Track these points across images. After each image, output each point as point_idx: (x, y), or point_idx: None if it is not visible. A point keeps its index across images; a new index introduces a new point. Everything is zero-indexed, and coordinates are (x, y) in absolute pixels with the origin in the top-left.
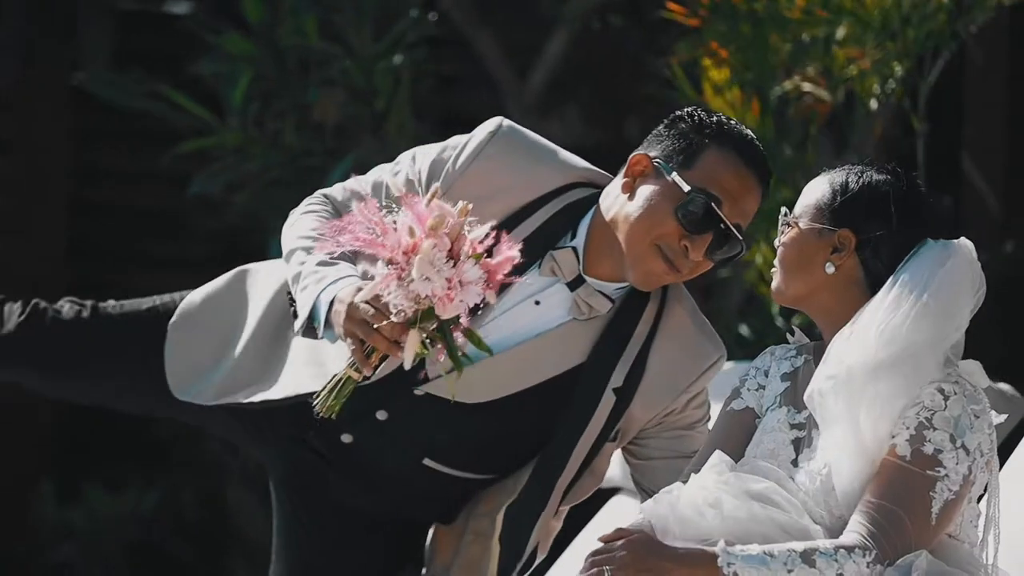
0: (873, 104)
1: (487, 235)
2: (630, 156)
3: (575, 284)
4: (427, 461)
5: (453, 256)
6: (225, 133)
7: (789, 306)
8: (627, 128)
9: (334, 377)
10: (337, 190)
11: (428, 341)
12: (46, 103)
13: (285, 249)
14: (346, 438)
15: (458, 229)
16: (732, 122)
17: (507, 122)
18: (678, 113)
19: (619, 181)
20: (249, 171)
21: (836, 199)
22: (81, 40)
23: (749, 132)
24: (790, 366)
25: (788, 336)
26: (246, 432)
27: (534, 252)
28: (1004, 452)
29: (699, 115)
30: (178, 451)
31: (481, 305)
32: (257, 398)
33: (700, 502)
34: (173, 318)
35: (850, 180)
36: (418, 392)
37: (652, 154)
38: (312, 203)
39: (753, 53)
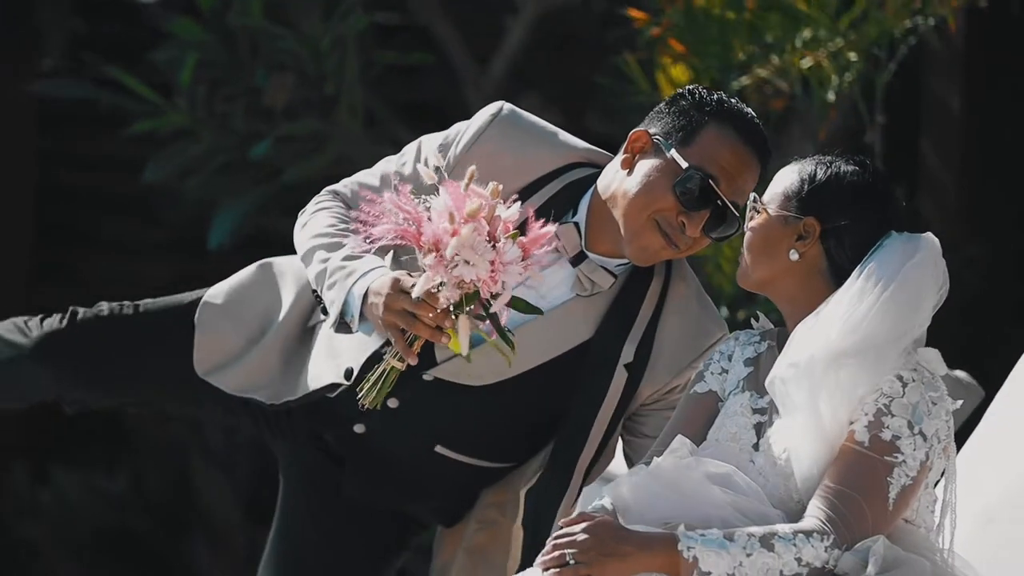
0: (830, 96)
1: (517, 213)
2: (631, 132)
3: (577, 260)
4: (439, 448)
5: (491, 238)
6: (173, 115)
7: (753, 290)
8: (588, 116)
9: (377, 368)
10: (344, 185)
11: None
12: (9, 91)
13: (302, 249)
14: (359, 428)
15: (492, 210)
16: (733, 100)
17: (508, 105)
18: (679, 91)
19: (619, 157)
20: (198, 155)
21: (804, 188)
22: (41, 31)
23: (749, 111)
24: (753, 351)
25: (752, 322)
26: (262, 426)
27: None
28: (960, 438)
29: (700, 93)
30: (145, 434)
31: (524, 283)
32: (280, 400)
33: (661, 485)
34: (199, 304)
35: (818, 170)
36: (427, 377)
37: (652, 130)
38: (322, 201)
39: (712, 49)
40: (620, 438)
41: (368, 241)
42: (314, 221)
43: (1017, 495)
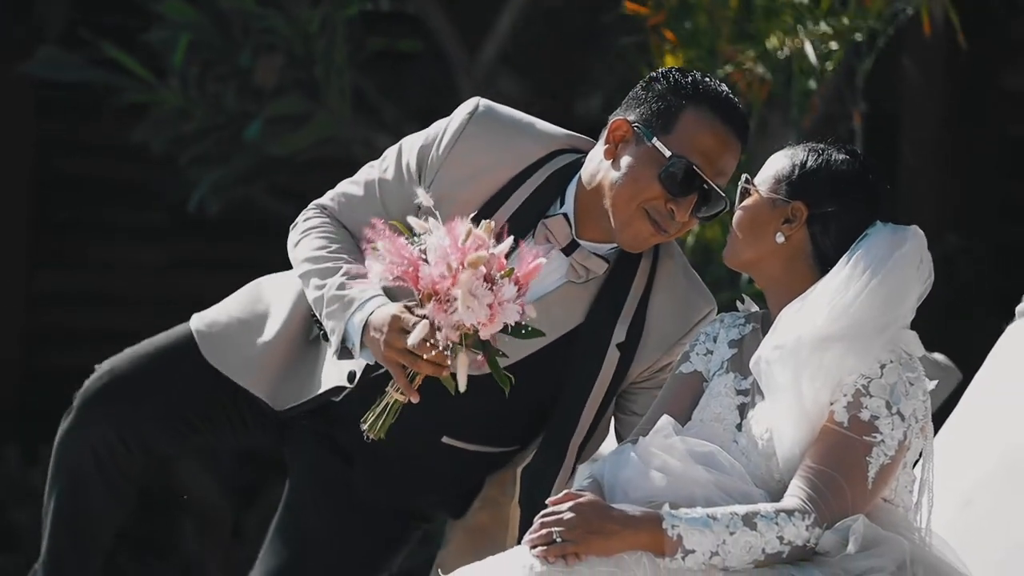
0: (812, 84)
1: (509, 246)
2: (610, 120)
3: (569, 249)
4: (446, 439)
5: (488, 279)
6: (166, 94)
7: (739, 270)
8: (578, 103)
9: (380, 401)
10: (330, 198)
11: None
12: (7, 78)
13: (297, 270)
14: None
15: (486, 252)
16: (707, 80)
17: (484, 101)
18: (653, 74)
19: (601, 147)
20: (189, 132)
21: (794, 172)
22: (38, 15)
23: (724, 88)
24: (738, 333)
25: (738, 304)
26: (272, 435)
27: (526, 223)
28: (938, 421)
29: (674, 76)
30: None
31: (521, 320)
32: (284, 406)
33: (647, 465)
34: (193, 319)
35: (810, 156)
36: None
37: (631, 119)
38: (310, 219)
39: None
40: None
41: (365, 283)
42: (306, 242)
43: (994, 477)
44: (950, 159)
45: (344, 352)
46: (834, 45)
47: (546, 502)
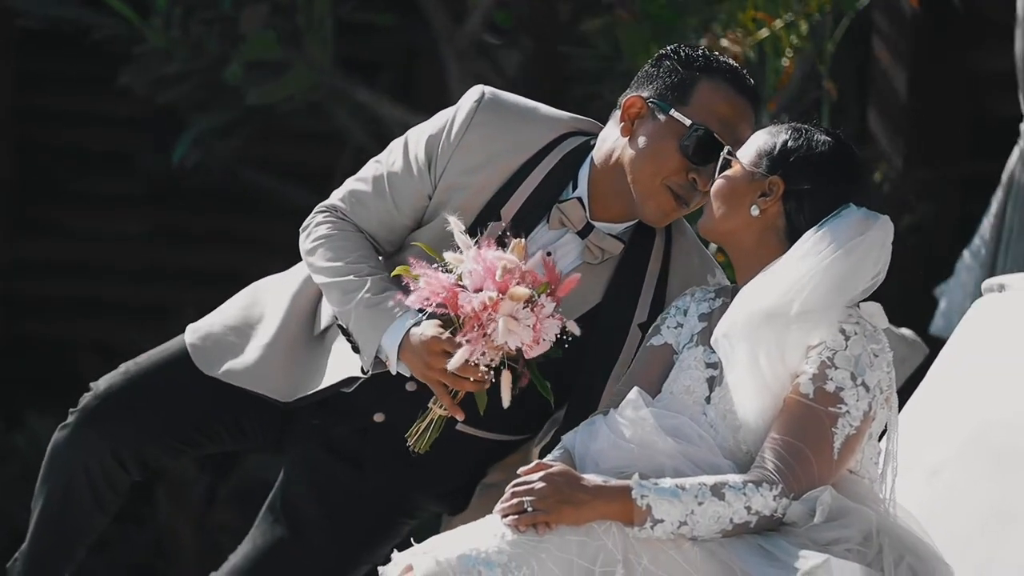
0: (784, 62)
1: (541, 259)
2: (622, 99)
3: (585, 232)
4: (460, 426)
5: (528, 301)
6: (150, 34)
7: (711, 239)
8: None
9: (424, 417)
10: (339, 198)
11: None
12: None
13: (316, 279)
14: (379, 417)
15: (528, 289)
16: (715, 53)
17: (488, 89)
18: (661, 52)
19: (614, 126)
20: (171, 73)
21: (775, 148)
22: None
23: (732, 61)
24: (708, 307)
25: (708, 278)
26: (272, 435)
27: (540, 207)
28: (904, 394)
29: (683, 51)
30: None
31: (563, 336)
32: (293, 396)
33: (617, 436)
34: (189, 326)
35: (793, 134)
36: None
37: (645, 95)
38: (321, 223)
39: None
40: None
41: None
42: (322, 251)
43: (960, 450)
44: (917, 136)
45: (377, 364)
46: (804, 29)
47: (518, 472)
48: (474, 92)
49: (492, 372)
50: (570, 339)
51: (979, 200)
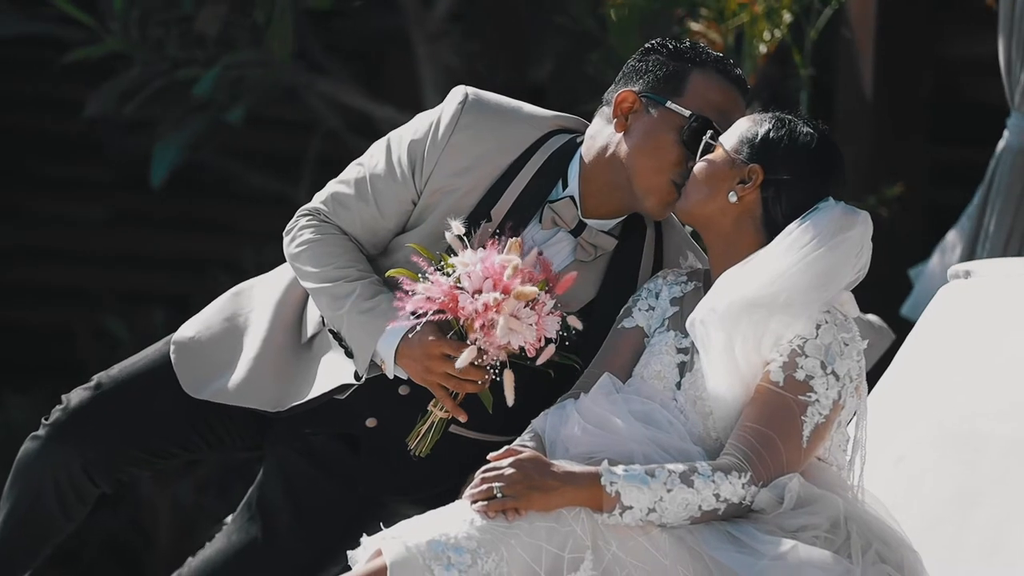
0: (761, 48)
1: (535, 257)
2: (611, 96)
3: (578, 230)
4: (453, 428)
5: (530, 299)
6: (109, 40)
7: (688, 222)
8: (529, 58)
9: (424, 420)
10: (321, 201)
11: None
12: None
13: (305, 283)
14: (371, 422)
15: (517, 269)
16: (702, 44)
17: (471, 89)
18: (647, 46)
19: (604, 122)
20: (134, 78)
21: (757, 136)
22: None
23: (719, 52)
24: (680, 291)
25: (680, 261)
26: (247, 442)
27: (530, 207)
28: (871, 380)
29: (671, 43)
30: (92, 367)
31: (563, 332)
32: (284, 406)
33: (587, 421)
34: (172, 341)
35: (776, 124)
36: None
37: (636, 89)
38: (304, 227)
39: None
40: None
41: (404, 313)
42: (308, 256)
43: (926, 436)
44: (884, 123)
45: (373, 367)
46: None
47: (487, 457)
48: (457, 94)
49: (494, 372)
50: (573, 334)
51: (945, 184)
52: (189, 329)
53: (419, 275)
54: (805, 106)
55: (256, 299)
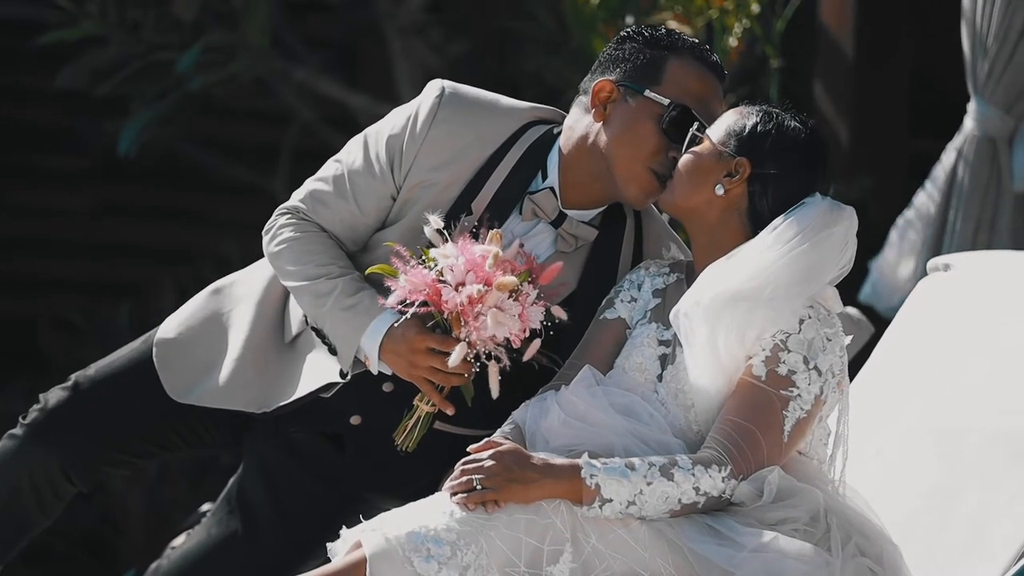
0: (732, 41)
1: (516, 249)
2: (589, 85)
3: (558, 221)
4: (438, 424)
5: (512, 292)
6: (86, 23)
7: (673, 214)
8: (504, 52)
9: (410, 415)
10: (299, 199)
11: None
12: None
13: (285, 282)
14: (355, 420)
15: (498, 259)
16: (677, 31)
17: (447, 83)
18: (623, 34)
19: (582, 112)
20: (108, 60)
21: (745, 129)
22: None
23: (694, 38)
24: (662, 283)
25: (663, 252)
26: (225, 439)
27: (510, 199)
28: (850, 373)
29: (646, 31)
30: (58, 358)
31: (547, 323)
32: (270, 406)
33: (567, 413)
34: (155, 343)
35: (764, 118)
36: None
37: (614, 78)
38: (284, 225)
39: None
40: None
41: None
42: (288, 254)
43: (905, 429)
44: (862, 111)
45: (357, 363)
46: (754, 5)
47: (467, 449)
48: (434, 88)
49: (478, 364)
50: (558, 323)
51: (921, 177)
52: (170, 330)
53: (399, 271)
54: (775, 97)
55: (237, 296)
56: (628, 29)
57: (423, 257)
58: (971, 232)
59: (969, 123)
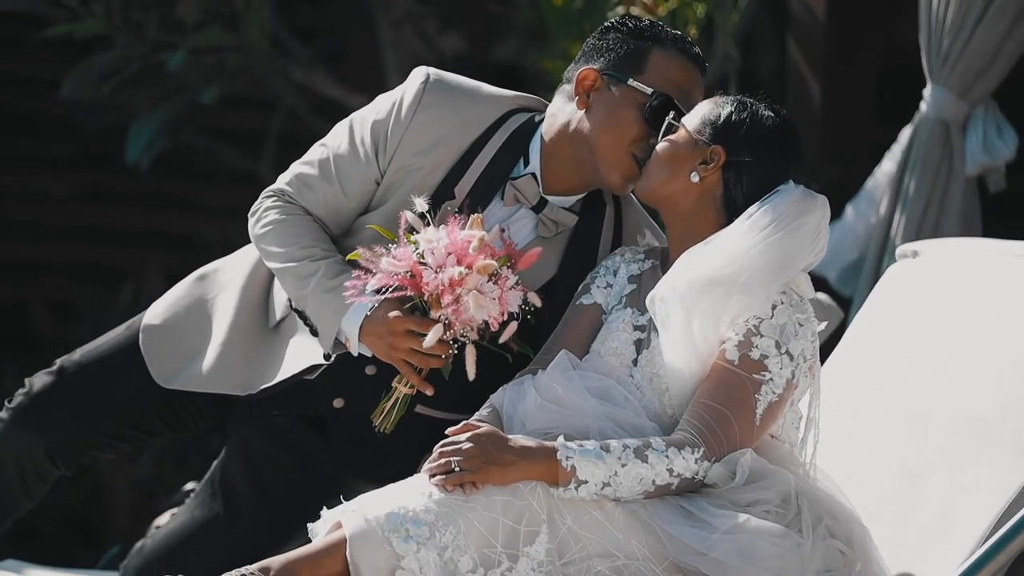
0: (693, 31)
1: (498, 233)
2: (572, 73)
3: (539, 207)
4: (419, 408)
5: (492, 275)
6: (90, 21)
7: (649, 202)
8: (495, 44)
9: (388, 396)
10: (285, 182)
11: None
12: None
13: (270, 264)
14: (338, 403)
15: (482, 242)
16: (660, 23)
17: (432, 70)
18: (608, 24)
19: (565, 100)
20: (111, 60)
21: (720, 118)
22: None
23: (677, 31)
24: (638, 269)
25: (637, 238)
26: (208, 421)
27: (492, 185)
28: (820, 358)
29: (631, 21)
30: (49, 341)
31: (524, 307)
32: (255, 388)
33: (544, 397)
34: (141, 328)
35: (738, 107)
36: None
37: (598, 67)
38: (270, 208)
39: None
40: None
41: (360, 289)
42: (273, 236)
43: (875, 412)
44: (833, 97)
45: (337, 345)
46: None
47: (446, 432)
48: (419, 74)
49: (456, 346)
50: (532, 310)
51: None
52: (156, 316)
53: (380, 253)
54: (733, 87)
55: (221, 282)
56: (612, 19)
57: (407, 240)
58: (920, 210)
59: (924, 107)
